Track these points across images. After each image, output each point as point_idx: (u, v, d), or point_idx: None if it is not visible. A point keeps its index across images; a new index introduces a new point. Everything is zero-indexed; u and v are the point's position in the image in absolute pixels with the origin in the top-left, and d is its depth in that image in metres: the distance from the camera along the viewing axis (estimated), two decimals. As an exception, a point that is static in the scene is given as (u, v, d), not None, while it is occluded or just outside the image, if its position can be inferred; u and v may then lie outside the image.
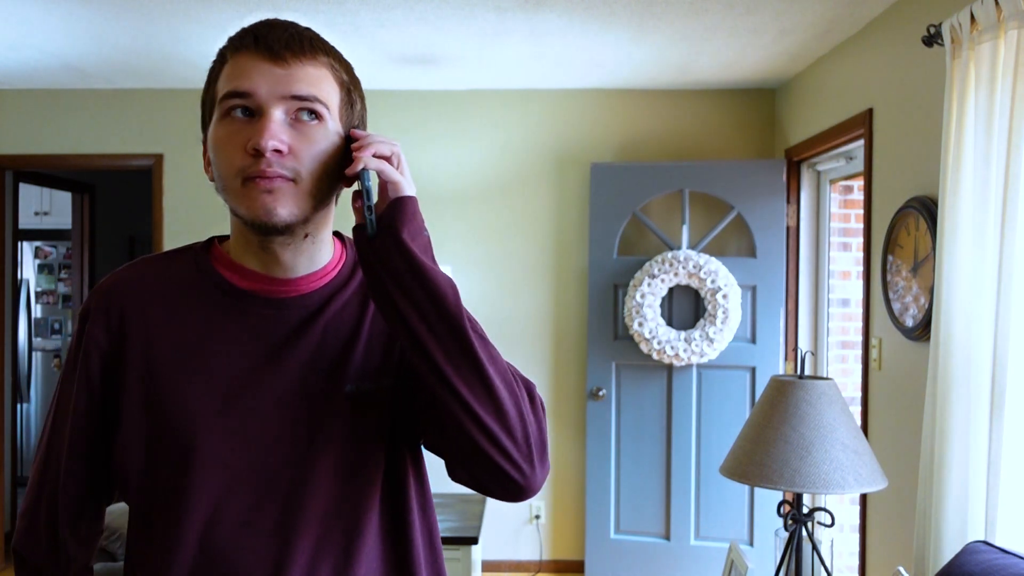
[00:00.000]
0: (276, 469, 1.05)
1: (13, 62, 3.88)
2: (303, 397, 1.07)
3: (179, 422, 1.05)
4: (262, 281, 1.09)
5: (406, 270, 0.99)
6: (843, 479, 2.19)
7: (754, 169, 4.02)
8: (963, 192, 2.19)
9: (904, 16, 2.88)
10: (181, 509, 1.04)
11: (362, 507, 1.08)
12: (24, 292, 6.11)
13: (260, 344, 1.07)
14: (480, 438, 0.99)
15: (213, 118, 1.05)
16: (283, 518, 1.05)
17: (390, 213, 1.00)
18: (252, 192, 1.00)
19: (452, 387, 0.99)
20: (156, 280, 1.11)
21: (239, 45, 1.04)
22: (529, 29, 3.32)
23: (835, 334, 3.87)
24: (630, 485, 4.14)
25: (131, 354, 1.07)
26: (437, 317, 0.99)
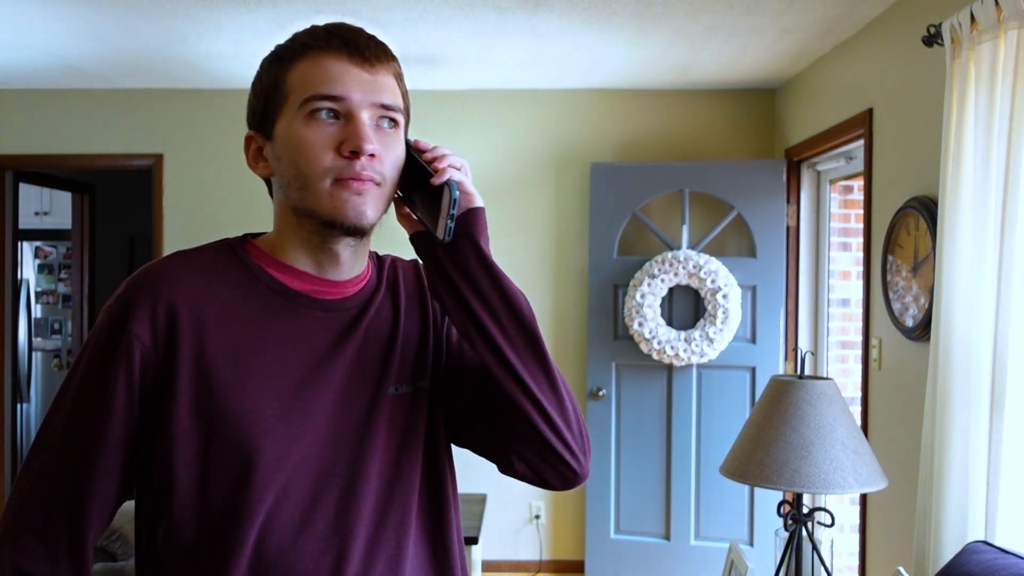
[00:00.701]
0: (328, 471, 1.06)
1: (13, 62, 3.88)
2: (350, 399, 1.08)
3: (238, 426, 1.02)
4: (313, 282, 1.10)
5: (483, 275, 1.08)
6: (843, 479, 2.19)
7: (754, 169, 4.02)
8: (963, 192, 2.19)
9: (904, 16, 2.88)
10: (242, 515, 1.02)
11: (407, 505, 1.10)
12: (24, 292, 6.11)
13: (310, 346, 1.07)
14: (546, 428, 1.08)
15: (285, 114, 1.05)
16: (337, 520, 1.05)
17: (466, 221, 1.08)
18: (343, 193, 1.03)
19: (522, 381, 1.07)
20: (202, 277, 1.07)
21: (324, 45, 1.05)
22: (529, 29, 3.32)
23: (835, 334, 3.87)
24: (630, 485, 4.14)
25: (182, 354, 1.02)
26: (509, 318, 1.08)
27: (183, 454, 1.02)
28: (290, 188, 1.05)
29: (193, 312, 1.03)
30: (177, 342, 1.02)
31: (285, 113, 1.05)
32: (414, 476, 1.12)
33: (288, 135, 1.04)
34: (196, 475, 1.02)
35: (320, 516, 1.05)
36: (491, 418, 1.13)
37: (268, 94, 1.07)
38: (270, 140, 1.07)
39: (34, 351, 6.23)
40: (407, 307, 1.17)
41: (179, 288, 1.04)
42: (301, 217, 1.07)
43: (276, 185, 1.09)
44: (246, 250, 1.11)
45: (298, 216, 1.07)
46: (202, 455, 1.02)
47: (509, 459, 1.12)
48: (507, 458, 1.12)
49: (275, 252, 1.10)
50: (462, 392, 1.17)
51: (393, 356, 1.12)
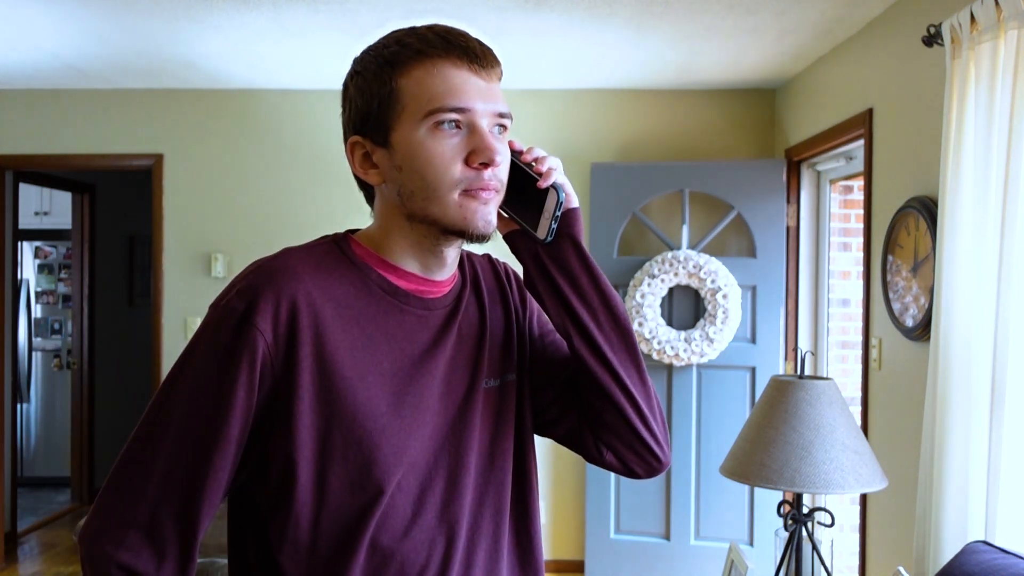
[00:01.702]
0: (434, 464, 1.09)
1: (13, 62, 3.88)
2: (450, 394, 1.12)
3: (359, 422, 1.04)
4: (417, 282, 1.13)
5: (584, 273, 1.15)
6: (843, 479, 2.19)
7: (754, 169, 4.02)
8: (963, 192, 2.19)
9: (904, 16, 2.88)
10: (361, 509, 1.05)
11: (502, 494, 1.16)
12: (24, 292, 6.11)
13: (414, 343, 1.10)
14: (636, 419, 1.15)
15: (403, 123, 1.05)
16: (443, 511, 1.09)
17: (566, 222, 1.14)
18: (472, 203, 1.06)
19: (617, 375, 1.14)
20: (318, 273, 1.07)
21: (443, 53, 1.05)
22: (529, 29, 3.32)
23: (835, 334, 3.87)
24: (630, 485, 4.13)
25: (303, 350, 1.03)
26: (606, 315, 1.15)
27: (305, 449, 1.03)
28: (413, 197, 1.06)
29: (312, 308, 1.04)
30: (298, 338, 1.03)
31: (404, 122, 1.05)
32: (507, 466, 1.17)
33: (412, 146, 1.05)
34: (317, 470, 1.04)
35: (429, 508, 1.09)
36: (581, 410, 1.19)
37: (381, 101, 1.06)
38: (385, 148, 1.07)
39: (34, 351, 6.23)
40: (490, 302, 1.21)
41: (299, 284, 1.05)
42: (416, 223, 1.08)
43: (389, 192, 1.09)
44: (352, 249, 1.12)
45: (411, 221, 1.09)
46: (323, 450, 1.04)
47: (599, 449, 1.18)
48: (596, 448, 1.18)
49: (380, 251, 1.12)
50: (550, 385, 1.22)
51: (483, 351, 1.16)
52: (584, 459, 1.22)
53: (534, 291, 1.16)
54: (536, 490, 1.22)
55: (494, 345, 1.18)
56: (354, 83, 1.10)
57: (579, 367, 1.16)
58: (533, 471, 1.22)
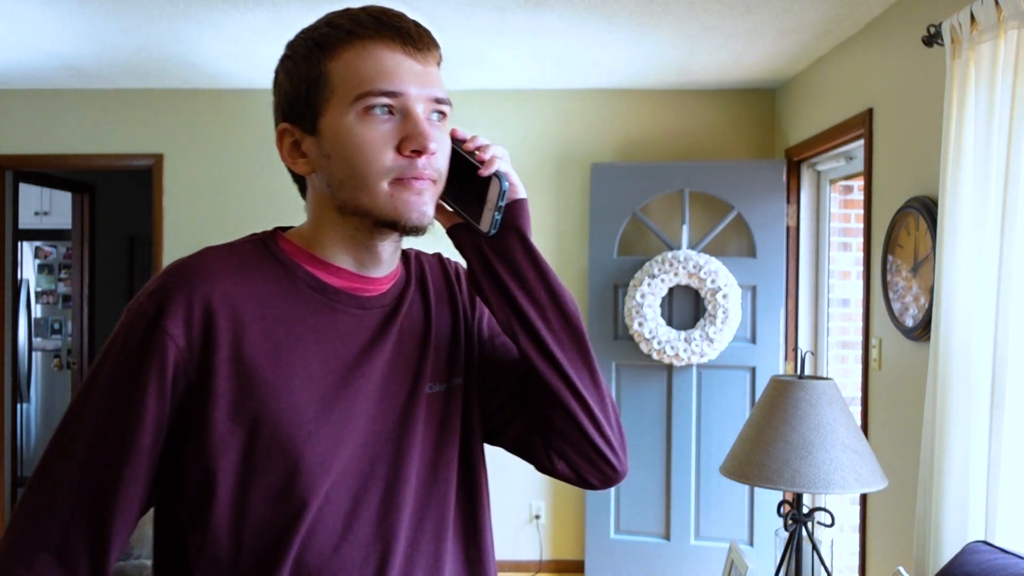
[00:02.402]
0: (369, 475, 1.02)
1: (13, 62, 3.88)
2: (388, 399, 1.05)
3: (283, 430, 0.97)
4: (351, 279, 1.06)
5: (530, 268, 1.07)
6: (843, 479, 2.19)
7: (754, 169, 4.02)
8: (963, 192, 2.19)
9: (904, 16, 2.88)
10: (285, 524, 0.97)
11: (445, 507, 1.08)
12: (24, 292, 6.11)
13: (348, 345, 1.03)
14: (589, 425, 1.07)
15: (332, 109, 0.99)
16: (379, 525, 1.02)
17: (512, 213, 1.07)
18: (403, 194, 0.99)
19: (567, 377, 1.06)
20: (238, 272, 1.01)
21: (374, 34, 0.99)
22: (529, 29, 3.32)
23: (835, 334, 3.87)
24: (630, 485, 4.13)
25: (219, 354, 0.96)
26: (555, 312, 1.07)
27: (223, 461, 0.97)
28: (342, 187, 1.00)
29: (230, 309, 0.98)
30: (214, 342, 0.96)
31: (333, 107, 0.99)
32: (451, 477, 1.09)
33: (340, 132, 0.99)
34: (237, 482, 0.97)
35: (362, 522, 1.01)
36: (530, 415, 1.12)
37: (310, 85, 1.01)
38: (313, 135, 1.01)
39: (34, 351, 6.23)
40: (437, 302, 1.14)
41: (215, 284, 0.98)
42: (347, 215, 1.02)
43: (319, 182, 1.04)
44: (279, 245, 1.06)
45: (343, 213, 1.02)
46: (243, 461, 0.97)
47: (549, 457, 1.10)
48: (547, 456, 1.10)
49: (311, 247, 1.06)
50: (498, 389, 1.15)
51: (427, 353, 1.09)
52: (536, 469, 1.13)
53: (478, 288, 1.09)
54: (486, 502, 1.15)
55: (440, 348, 1.11)
56: (283, 67, 1.05)
57: (527, 369, 1.08)
58: (483, 482, 1.15)
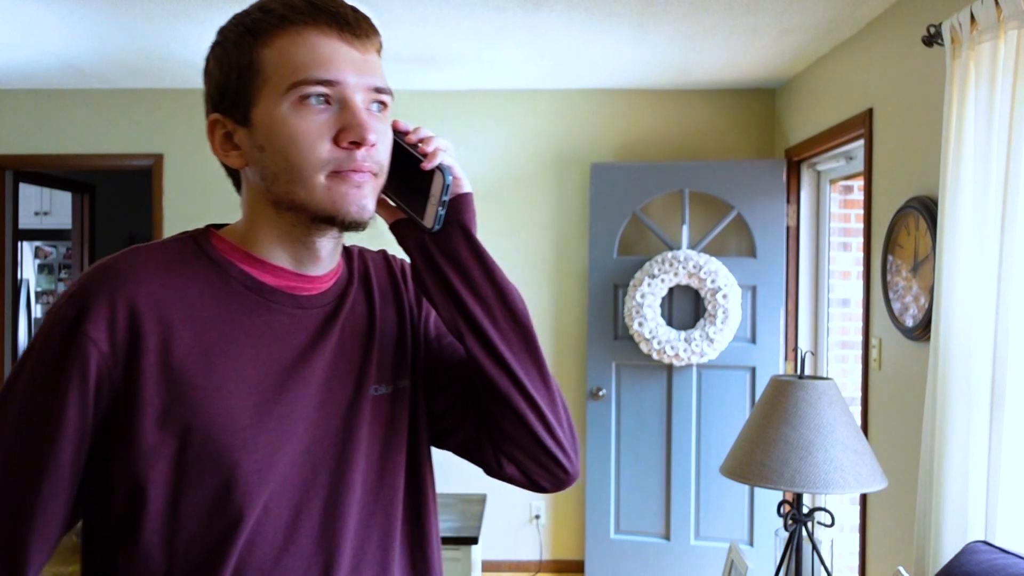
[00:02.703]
0: (311, 482, 0.97)
1: (13, 62, 3.88)
2: (330, 403, 1.00)
3: (216, 437, 0.92)
4: (289, 277, 1.01)
5: (476, 264, 1.02)
6: (843, 479, 2.19)
7: (754, 169, 4.02)
8: (963, 192, 2.19)
9: (904, 16, 2.88)
10: (221, 537, 0.92)
11: (392, 514, 1.04)
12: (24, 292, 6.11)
13: (286, 346, 0.98)
14: (539, 427, 1.03)
15: (265, 98, 0.94)
16: (321, 535, 0.97)
17: (456, 208, 1.02)
18: (341, 187, 0.94)
19: (516, 377, 1.02)
20: (167, 272, 0.95)
21: (309, 19, 0.94)
22: (529, 28, 3.32)
23: (835, 334, 3.87)
24: (630, 485, 4.14)
25: (146, 359, 0.91)
26: (502, 310, 1.03)
27: (153, 472, 0.91)
28: (277, 180, 0.95)
29: (157, 311, 0.92)
30: (140, 346, 0.91)
31: (265, 97, 0.94)
32: (398, 483, 1.04)
33: (274, 123, 0.94)
34: (168, 495, 0.91)
35: (304, 532, 0.96)
36: (479, 418, 1.07)
37: (241, 73, 0.95)
38: (245, 126, 0.96)
39: (34, 351, 6.23)
40: (381, 301, 1.08)
41: (140, 285, 0.92)
42: (283, 210, 0.97)
43: (253, 176, 0.98)
44: (212, 243, 1.00)
45: (278, 208, 0.98)
46: (174, 472, 0.91)
47: (498, 461, 1.06)
48: (496, 460, 1.06)
49: (246, 245, 1.00)
50: (447, 391, 1.10)
51: (371, 354, 1.04)
52: (485, 473, 1.09)
53: (421, 285, 1.03)
54: (433, 507, 1.10)
55: (385, 348, 1.06)
56: (213, 54, 0.99)
57: (474, 370, 1.04)
58: (430, 487, 1.10)
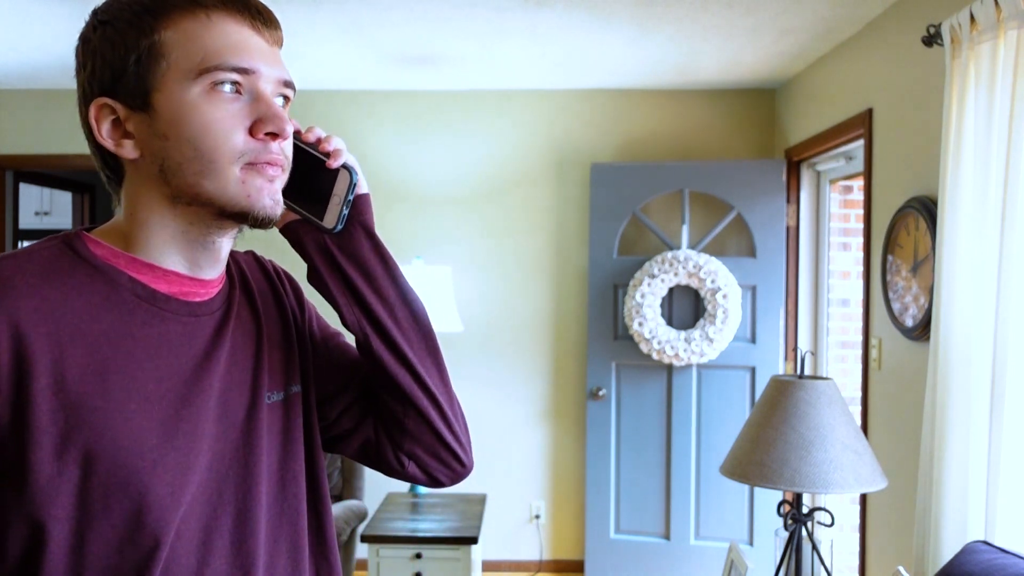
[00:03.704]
0: (218, 500, 0.92)
1: (13, 62, 3.88)
2: (228, 414, 0.94)
3: (121, 462, 0.84)
4: (181, 283, 0.94)
5: (378, 265, 1.02)
6: (843, 479, 2.19)
7: (754, 169, 4.02)
8: (963, 192, 2.20)
9: (904, 16, 2.89)
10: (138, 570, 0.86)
11: (297, 524, 1.01)
12: (24, 292, 6.11)
13: (182, 358, 0.91)
14: (441, 425, 1.04)
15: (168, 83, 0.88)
16: (235, 554, 0.93)
17: (359, 208, 1.01)
18: (256, 179, 0.90)
19: (420, 377, 1.03)
20: (46, 284, 0.86)
21: (220, 5, 0.89)
22: (529, 29, 3.32)
23: (835, 334, 3.87)
24: (630, 485, 4.14)
25: (36, 384, 0.81)
26: (404, 311, 1.03)
27: (53, 508, 0.82)
28: (180, 172, 0.88)
29: (43, 328, 0.83)
30: (28, 369, 0.81)
31: (170, 81, 0.88)
32: (300, 492, 1.02)
33: (182, 109, 0.87)
34: (72, 531, 0.83)
35: (217, 553, 0.91)
36: (379, 418, 1.07)
37: (140, 55, 0.88)
38: (143, 112, 0.89)
39: (34, 351, 6.23)
40: (264, 305, 1.04)
41: (22, 301, 0.83)
42: (182, 205, 0.90)
43: (148, 167, 0.90)
44: (89, 249, 0.91)
45: (175, 204, 0.91)
46: (78, 505, 0.83)
47: (400, 460, 1.06)
48: (398, 460, 1.07)
49: (131, 249, 0.92)
50: (341, 395, 1.08)
51: (262, 361, 0.99)
52: (381, 472, 1.09)
53: (322, 287, 1.01)
54: (331, 513, 1.07)
55: (273, 354, 1.01)
56: (102, 34, 0.92)
57: (376, 371, 1.03)
58: (327, 492, 1.07)
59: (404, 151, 4.37)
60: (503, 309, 4.40)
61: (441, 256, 4.35)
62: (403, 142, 4.38)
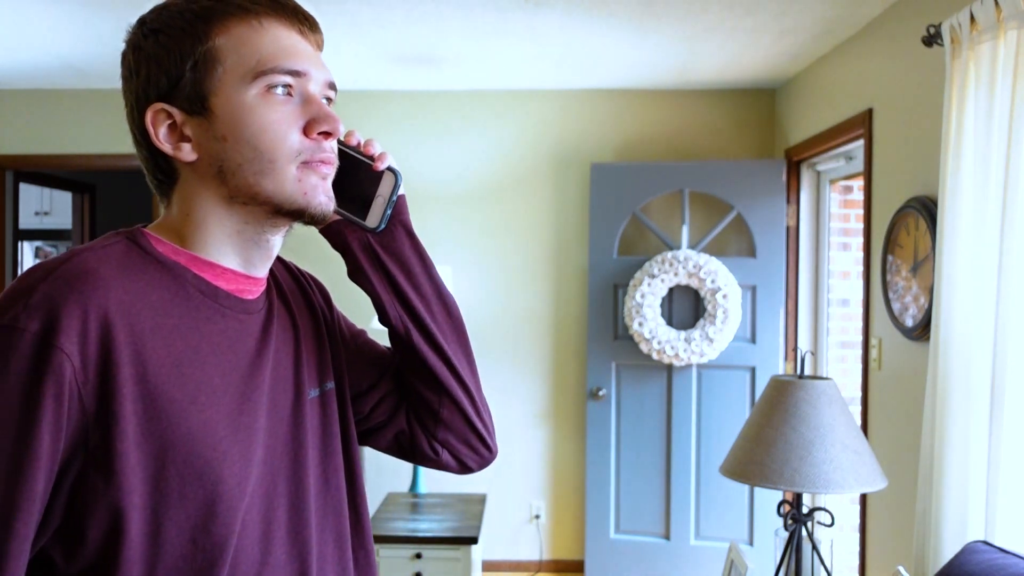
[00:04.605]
0: (273, 492, 0.95)
1: (13, 62, 3.88)
2: (278, 409, 0.98)
3: (197, 453, 0.87)
4: (238, 280, 0.97)
5: (417, 262, 1.08)
6: (843, 479, 2.19)
7: (754, 169, 4.02)
8: (963, 192, 2.20)
9: (904, 16, 2.89)
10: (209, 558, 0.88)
11: (341, 515, 1.05)
12: (24, 292, 6.10)
13: (240, 354, 0.94)
14: (472, 413, 1.11)
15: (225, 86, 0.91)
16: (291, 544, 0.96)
17: (399, 208, 1.07)
18: (311, 178, 0.93)
19: (454, 367, 1.09)
20: (126, 277, 0.88)
21: (270, 11, 0.93)
22: (529, 29, 3.32)
23: (835, 334, 3.87)
24: (630, 485, 4.14)
25: (121, 373, 0.83)
26: (439, 305, 1.10)
27: (133, 496, 0.83)
28: (240, 172, 0.91)
29: (127, 320, 0.85)
30: (113, 359, 0.83)
31: (226, 85, 0.91)
32: (341, 484, 1.05)
33: (240, 112, 0.90)
34: (148, 520, 0.85)
35: (276, 543, 0.94)
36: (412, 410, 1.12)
37: (196, 61, 0.91)
38: (201, 116, 0.91)
39: (34, 351, 6.23)
40: (296, 305, 1.07)
41: (109, 292, 0.85)
42: (238, 205, 0.93)
43: (206, 169, 0.93)
44: (152, 245, 0.93)
45: (232, 203, 0.93)
46: (154, 494, 0.85)
47: (434, 449, 1.12)
48: (432, 448, 1.12)
49: (189, 247, 0.94)
50: (374, 389, 1.13)
51: (301, 358, 1.03)
52: (413, 463, 1.15)
53: (366, 284, 1.06)
54: (367, 505, 1.10)
55: (309, 351, 1.05)
56: (152, 42, 0.93)
57: (414, 362, 1.08)
58: (363, 484, 1.10)
59: (404, 151, 4.37)
60: (503, 309, 4.40)
61: (441, 256, 4.35)
62: (403, 142, 4.38)
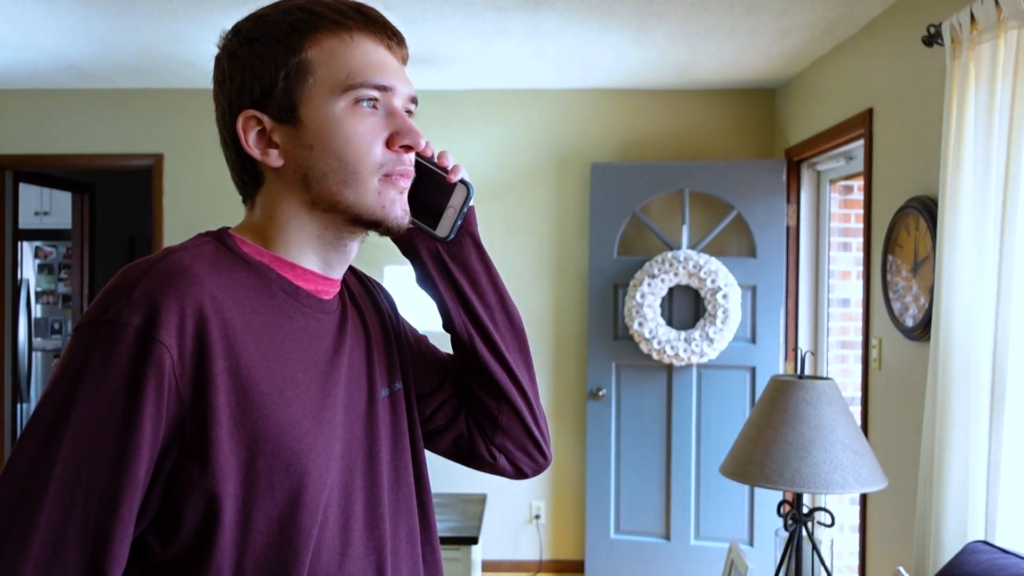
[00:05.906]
0: (350, 485, 0.98)
1: (13, 62, 3.88)
2: (354, 406, 1.01)
3: (285, 444, 0.90)
4: (317, 281, 1.00)
5: (483, 271, 1.12)
6: (843, 479, 2.19)
7: (754, 169, 4.02)
8: (963, 192, 2.19)
9: (904, 16, 2.88)
10: (294, 547, 0.90)
11: (411, 511, 1.08)
12: (24, 292, 6.11)
13: (319, 351, 0.98)
14: (530, 419, 1.14)
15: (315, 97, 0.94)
16: (368, 536, 1.00)
17: (468, 219, 1.10)
18: (391, 191, 0.97)
19: (515, 375, 1.12)
20: (216, 275, 0.91)
21: (360, 25, 0.96)
22: (529, 28, 3.32)
23: (835, 334, 3.87)
24: (630, 485, 4.14)
25: (216, 366, 0.87)
26: (502, 314, 1.13)
27: (228, 483, 0.87)
28: (324, 180, 0.95)
29: (220, 315, 0.89)
30: (209, 352, 0.87)
31: (315, 96, 0.94)
32: (411, 481, 1.09)
33: (328, 123, 0.94)
34: (239, 508, 0.88)
35: (355, 535, 0.98)
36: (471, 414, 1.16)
37: (289, 71, 0.94)
38: (290, 124, 0.95)
39: (34, 351, 6.23)
40: (365, 307, 1.10)
41: (203, 288, 0.89)
42: (319, 211, 0.97)
43: (291, 175, 0.96)
44: (238, 246, 0.97)
45: (313, 209, 0.97)
46: (244, 483, 0.88)
47: (492, 454, 1.15)
48: (490, 454, 1.15)
49: (272, 248, 0.98)
50: (437, 393, 1.17)
51: (372, 359, 1.06)
52: (470, 467, 1.17)
53: (433, 291, 1.10)
54: (432, 501, 1.14)
55: (379, 352, 1.08)
56: (247, 50, 0.97)
57: (476, 369, 1.12)
58: (428, 481, 1.13)
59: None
60: (503, 309, 4.40)
61: (441, 256, 4.34)
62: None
